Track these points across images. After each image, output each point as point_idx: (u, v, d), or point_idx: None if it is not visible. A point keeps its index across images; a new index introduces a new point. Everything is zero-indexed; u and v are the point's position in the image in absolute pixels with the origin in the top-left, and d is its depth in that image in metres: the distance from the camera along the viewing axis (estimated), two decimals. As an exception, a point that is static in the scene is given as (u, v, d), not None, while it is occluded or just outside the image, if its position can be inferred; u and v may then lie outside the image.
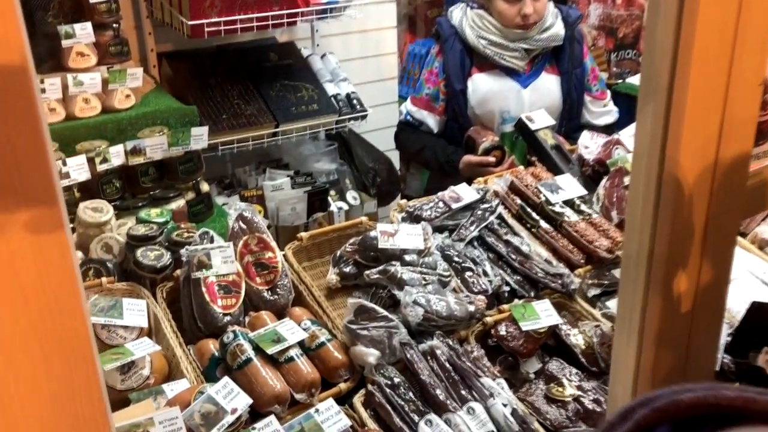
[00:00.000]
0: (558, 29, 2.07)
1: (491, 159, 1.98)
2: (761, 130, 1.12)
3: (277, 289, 1.42)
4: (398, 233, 1.45)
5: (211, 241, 1.41)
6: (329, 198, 2.53)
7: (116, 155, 1.80)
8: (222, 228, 1.87)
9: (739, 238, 1.64)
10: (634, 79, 3.15)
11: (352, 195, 2.60)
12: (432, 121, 2.17)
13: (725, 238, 1.00)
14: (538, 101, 2.07)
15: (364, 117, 2.55)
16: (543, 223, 1.56)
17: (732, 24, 0.85)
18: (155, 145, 1.83)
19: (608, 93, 2.25)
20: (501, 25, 2.03)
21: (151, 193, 1.83)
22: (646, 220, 0.93)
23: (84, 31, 1.95)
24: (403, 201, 1.65)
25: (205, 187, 2.00)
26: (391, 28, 2.98)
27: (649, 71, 0.88)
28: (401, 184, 2.77)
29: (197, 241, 1.41)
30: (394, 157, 2.82)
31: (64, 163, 1.71)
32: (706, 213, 0.96)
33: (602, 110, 2.19)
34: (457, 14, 2.12)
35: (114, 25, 2.09)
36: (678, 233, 0.93)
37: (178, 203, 1.83)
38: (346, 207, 2.54)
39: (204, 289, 1.33)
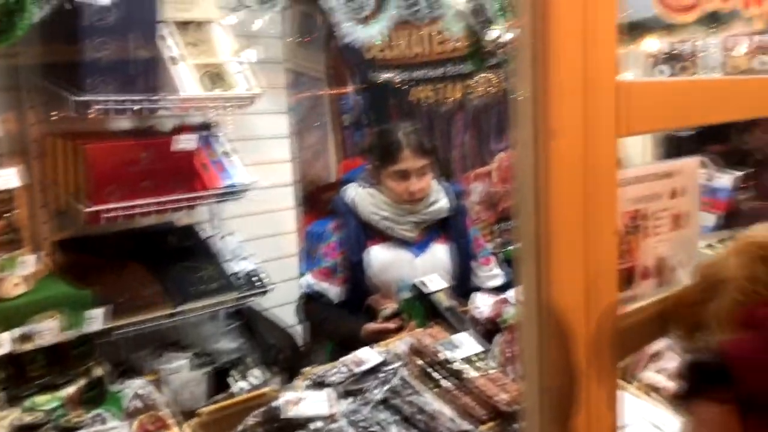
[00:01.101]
0: (443, 203, 2.27)
1: (392, 326, 2.05)
2: (625, 276, 1.26)
3: (177, 473, 1.34)
4: (303, 401, 1.44)
5: (104, 423, 1.34)
6: (231, 378, 2.46)
7: (3, 344, 1.71)
8: (117, 414, 1.77)
9: (628, 385, 1.74)
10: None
11: (254, 373, 2.54)
12: (333, 292, 2.24)
13: (607, 380, 1.07)
14: (430, 269, 2.20)
15: (264, 293, 2.58)
16: (444, 382, 1.60)
17: (581, 188, 0.99)
18: (46, 330, 1.76)
19: (493, 259, 2.43)
20: (391, 201, 2.20)
21: (40, 381, 1.73)
22: (533, 369, 0.99)
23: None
24: (308, 368, 1.66)
25: (98, 371, 1.91)
26: (290, 209, 3.14)
27: (521, 234, 0.99)
28: (306, 359, 2.75)
29: (89, 423, 1.33)
30: (297, 332, 2.83)
31: (-57, 356, 1.61)
32: (586, 357, 1.04)
33: (489, 274, 2.35)
34: (350, 193, 2.28)
35: (7, 214, 2.08)
36: (564, 380, 0.99)
37: (69, 390, 1.74)
38: (248, 386, 2.47)
39: (95, 478, 1.24)
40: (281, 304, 2.83)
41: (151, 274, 2.43)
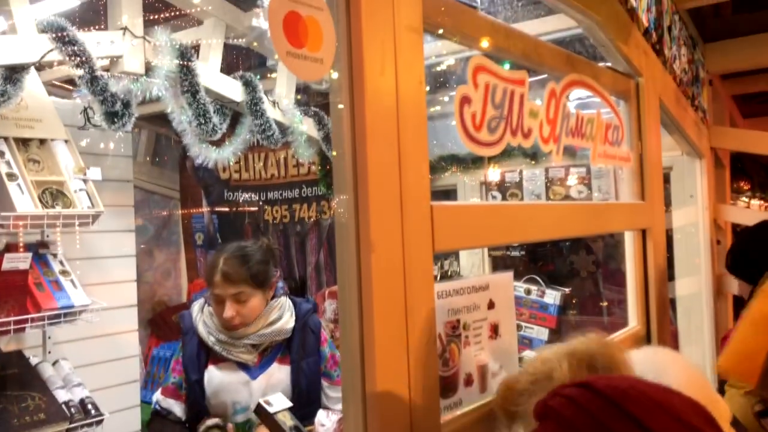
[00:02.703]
0: (285, 322, 2.17)
1: (236, 449, 1.97)
2: (448, 384, 1.33)
3: None
4: None
5: None
6: None
7: None
8: None
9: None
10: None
11: None
12: (179, 409, 2.13)
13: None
14: (269, 391, 2.08)
15: (99, 422, 2.40)
16: (285, 504, 1.56)
17: (401, 298, 1.08)
18: None
19: (347, 379, 2.41)
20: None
21: None
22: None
23: None
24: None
25: None
26: (133, 331, 2.99)
27: (344, 346, 1.05)
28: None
29: None
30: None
31: None
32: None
33: (340, 395, 2.30)
34: (196, 310, 2.21)
35: None
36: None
37: None
38: None
39: None
40: (120, 435, 2.64)
41: (-34, 407, 2.19)
